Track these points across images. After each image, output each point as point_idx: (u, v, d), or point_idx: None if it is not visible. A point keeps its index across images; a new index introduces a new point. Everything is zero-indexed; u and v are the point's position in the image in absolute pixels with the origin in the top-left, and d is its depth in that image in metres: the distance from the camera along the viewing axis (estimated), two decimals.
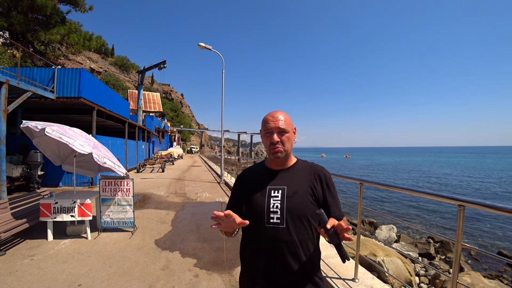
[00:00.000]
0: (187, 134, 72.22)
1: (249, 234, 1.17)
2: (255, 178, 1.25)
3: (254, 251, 1.12)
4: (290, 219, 1.08)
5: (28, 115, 10.76)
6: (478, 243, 9.21)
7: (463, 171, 37.89)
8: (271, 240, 1.08)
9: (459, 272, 6.17)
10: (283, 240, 1.07)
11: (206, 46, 11.39)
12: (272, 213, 1.10)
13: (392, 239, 8.55)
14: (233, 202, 1.27)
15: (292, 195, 1.12)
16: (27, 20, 17.63)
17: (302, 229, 1.09)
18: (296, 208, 1.10)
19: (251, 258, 1.14)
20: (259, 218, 1.12)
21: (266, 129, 1.17)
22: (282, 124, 1.15)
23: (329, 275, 2.64)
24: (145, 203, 7.18)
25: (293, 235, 1.07)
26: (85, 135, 4.47)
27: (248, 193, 1.19)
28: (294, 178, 1.18)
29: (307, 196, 1.13)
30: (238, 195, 1.26)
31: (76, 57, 42.26)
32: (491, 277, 6.38)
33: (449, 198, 1.67)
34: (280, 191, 1.14)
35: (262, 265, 1.09)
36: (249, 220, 1.15)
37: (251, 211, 1.15)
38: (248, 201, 1.18)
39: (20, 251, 3.71)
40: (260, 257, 1.10)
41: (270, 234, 1.09)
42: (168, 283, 2.91)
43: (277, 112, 1.18)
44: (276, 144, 1.14)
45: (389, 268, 4.46)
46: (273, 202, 1.12)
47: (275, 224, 1.09)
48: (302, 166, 1.24)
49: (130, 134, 15.64)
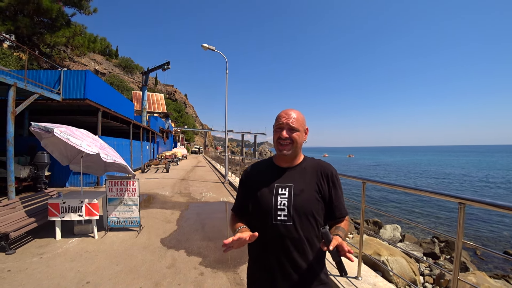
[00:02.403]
0: (191, 134, 72.50)
1: (256, 231, 1.20)
2: (262, 175, 1.26)
3: (262, 248, 1.14)
4: (297, 216, 1.10)
5: (35, 117, 10.93)
6: (483, 243, 9.13)
7: (470, 170, 37.43)
8: (278, 237, 1.10)
9: (464, 271, 6.15)
10: (290, 237, 1.09)
11: (209, 47, 11.46)
12: (279, 210, 1.12)
13: (397, 238, 8.51)
14: (240, 199, 1.30)
15: (299, 193, 1.14)
16: (33, 23, 17.91)
17: (309, 226, 1.11)
18: (303, 206, 1.12)
19: (258, 255, 1.16)
20: (266, 215, 1.14)
21: (277, 124, 1.19)
22: (294, 121, 1.17)
23: (333, 273, 2.67)
24: (151, 203, 7.26)
25: (300, 232, 1.09)
26: (92, 136, 4.55)
27: (255, 190, 1.21)
28: (301, 176, 1.20)
29: (313, 193, 1.15)
30: (245, 192, 1.28)
31: (81, 59, 42.73)
32: (497, 277, 6.31)
33: (449, 196, 1.69)
34: (287, 189, 1.16)
35: (269, 261, 1.12)
36: (256, 217, 1.18)
37: (258, 208, 1.17)
38: (255, 199, 1.19)
39: (30, 250, 3.80)
40: (268, 254, 1.12)
41: (277, 231, 1.10)
42: (174, 281, 2.96)
43: (291, 110, 1.21)
44: (284, 140, 1.17)
45: (393, 267, 4.46)
46: (280, 199, 1.14)
47: (282, 221, 1.11)
48: (309, 164, 1.25)
49: (134, 135, 15.80)
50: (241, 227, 1.15)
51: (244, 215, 1.28)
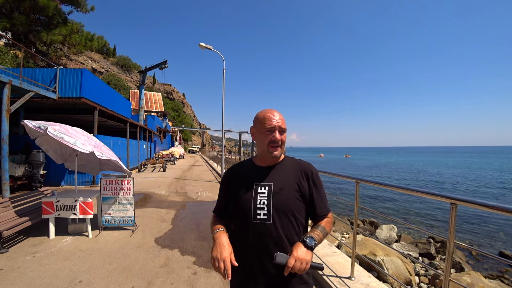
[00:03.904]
0: (189, 134, 72.38)
1: (237, 231, 1.19)
2: (243, 174, 1.27)
3: (242, 247, 1.14)
4: (276, 215, 1.11)
5: (31, 115, 10.85)
6: (479, 243, 9.18)
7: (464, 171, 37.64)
8: (258, 236, 1.10)
9: (459, 272, 6.18)
10: (270, 236, 1.09)
11: (206, 46, 11.43)
12: (259, 209, 1.12)
13: (393, 238, 8.54)
14: (221, 200, 1.30)
15: (279, 191, 1.14)
16: (29, 21, 17.75)
17: (289, 225, 1.12)
18: (282, 204, 1.12)
19: (239, 254, 1.15)
20: (246, 214, 1.14)
21: (267, 126, 1.17)
22: (282, 123, 1.19)
23: (326, 273, 2.67)
24: (146, 202, 7.23)
25: (280, 231, 1.10)
26: (86, 134, 4.52)
27: (235, 190, 1.21)
28: (281, 175, 1.20)
29: (293, 192, 1.15)
30: (225, 192, 1.29)
31: (78, 57, 42.49)
32: (492, 277, 6.35)
33: (441, 196, 1.69)
34: (266, 187, 1.16)
35: (250, 261, 1.11)
36: (237, 217, 1.18)
37: (238, 207, 1.17)
38: (235, 198, 1.20)
39: (23, 249, 3.77)
40: (248, 253, 1.12)
41: (257, 230, 1.11)
42: (167, 280, 2.95)
43: (275, 111, 1.21)
44: (277, 142, 1.17)
45: (388, 268, 4.47)
46: (260, 198, 1.14)
47: (262, 220, 1.11)
48: (289, 163, 1.26)
49: (131, 134, 15.72)
50: (217, 230, 1.16)
51: (225, 216, 1.29)
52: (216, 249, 1.05)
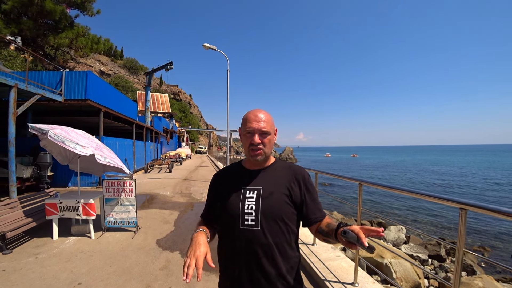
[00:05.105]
0: (196, 134, 72.82)
1: (225, 237, 1.12)
2: (230, 178, 1.20)
3: (230, 255, 1.08)
4: (265, 221, 1.04)
5: (38, 117, 11.05)
6: (492, 245, 8.87)
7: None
8: (246, 243, 1.03)
9: (471, 275, 5.96)
10: (258, 243, 1.02)
11: (210, 47, 11.43)
12: (246, 214, 1.05)
13: (401, 240, 8.33)
14: (208, 204, 1.24)
15: (268, 196, 1.07)
16: (37, 25, 18.12)
17: (278, 231, 1.04)
18: (271, 210, 1.05)
19: (227, 262, 1.10)
20: (233, 220, 1.07)
21: (247, 129, 1.10)
22: (264, 125, 1.09)
23: (328, 278, 2.57)
24: (150, 203, 7.24)
25: (269, 238, 1.02)
26: (88, 136, 4.54)
27: (223, 194, 1.15)
28: (270, 179, 1.13)
29: (283, 197, 1.08)
30: (212, 197, 1.22)
31: (86, 60, 43.27)
32: (505, 280, 6.13)
33: (450, 200, 1.58)
34: (255, 192, 1.09)
35: (238, 269, 1.05)
36: (224, 223, 1.11)
37: (225, 212, 1.11)
38: (222, 202, 1.13)
39: (26, 250, 3.80)
40: (236, 261, 1.06)
41: (244, 237, 1.04)
42: (165, 283, 2.90)
43: (259, 111, 1.12)
44: (257, 146, 1.09)
45: (396, 271, 4.33)
46: (247, 203, 1.07)
47: (249, 226, 1.04)
48: (280, 167, 1.19)
49: (138, 135, 15.87)
50: (197, 230, 1.08)
51: (212, 221, 1.22)
52: (191, 247, 0.97)
